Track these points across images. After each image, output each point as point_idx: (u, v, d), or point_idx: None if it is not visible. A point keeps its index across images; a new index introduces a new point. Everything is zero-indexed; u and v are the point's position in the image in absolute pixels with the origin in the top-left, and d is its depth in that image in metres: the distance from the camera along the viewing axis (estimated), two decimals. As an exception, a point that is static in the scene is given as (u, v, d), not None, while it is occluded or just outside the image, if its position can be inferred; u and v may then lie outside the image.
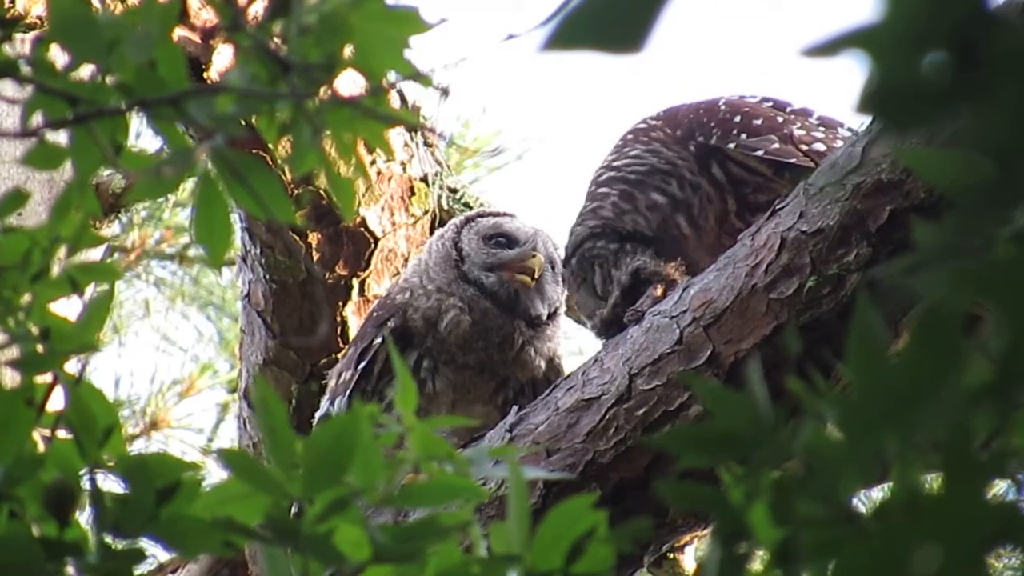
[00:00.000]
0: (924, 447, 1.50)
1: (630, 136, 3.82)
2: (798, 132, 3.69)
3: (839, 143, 3.65)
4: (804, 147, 3.66)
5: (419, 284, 3.78)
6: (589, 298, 3.74)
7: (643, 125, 3.83)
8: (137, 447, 6.91)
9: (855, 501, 1.60)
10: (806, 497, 1.56)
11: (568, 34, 1.40)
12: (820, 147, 3.66)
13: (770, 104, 3.76)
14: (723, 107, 3.75)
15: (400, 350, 3.69)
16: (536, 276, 3.76)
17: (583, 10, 1.39)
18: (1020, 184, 1.36)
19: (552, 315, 3.81)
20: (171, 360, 7.06)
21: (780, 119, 3.71)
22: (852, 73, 1.35)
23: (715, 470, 1.67)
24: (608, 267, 3.72)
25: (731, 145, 3.69)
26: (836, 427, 1.55)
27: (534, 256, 3.77)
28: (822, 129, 3.71)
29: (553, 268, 3.82)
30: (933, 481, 1.53)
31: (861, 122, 3.39)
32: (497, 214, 3.89)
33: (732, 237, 3.64)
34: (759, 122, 3.70)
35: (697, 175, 3.72)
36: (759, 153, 3.66)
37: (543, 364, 3.76)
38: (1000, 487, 4.40)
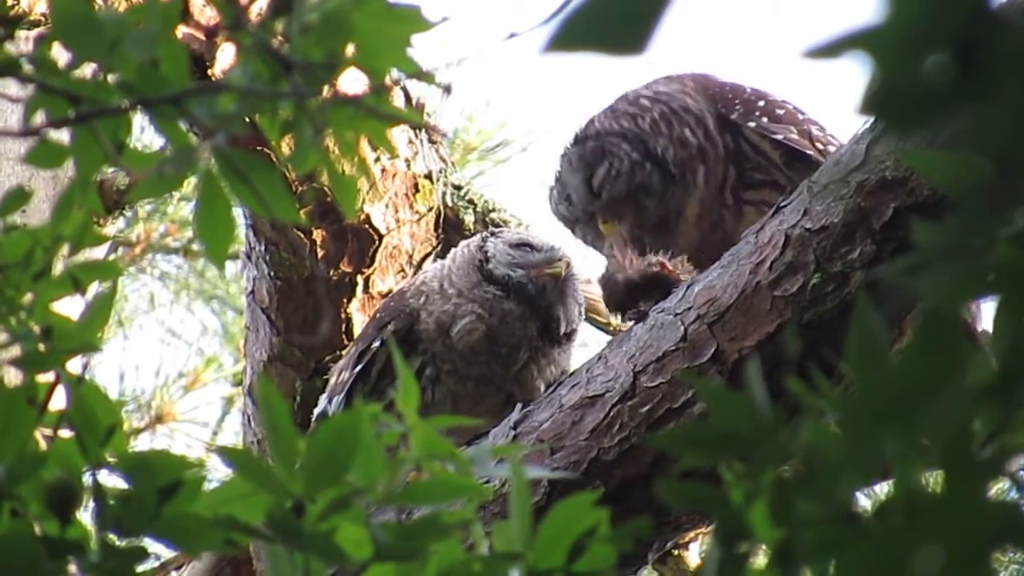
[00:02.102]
0: (925, 447, 1.50)
1: (663, 78, 3.80)
2: (816, 132, 3.68)
3: None
4: (820, 146, 3.66)
5: (438, 289, 3.75)
6: (581, 185, 3.72)
7: (675, 74, 3.81)
8: (142, 440, 6.92)
9: (856, 500, 1.59)
10: (806, 497, 1.56)
11: (569, 35, 1.40)
12: (833, 150, 3.65)
13: (791, 106, 3.75)
14: (748, 90, 3.74)
15: (403, 355, 3.67)
16: (565, 273, 3.72)
17: (584, 11, 1.39)
18: (1021, 186, 1.35)
19: (567, 336, 3.76)
20: (176, 353, 7.07)
21: (800, 116, 3.71)
22: (854, 74, 1.35)
23: (717, 469, 1.67)
24: (617, 169, 3.69)
25: (751, 124, 3.68)
26: (837, 427, 1.55)
27: (561, 259, 3.74)
28: (833, 141, 3.71)
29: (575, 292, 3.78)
30: (934, 481, 1.53)
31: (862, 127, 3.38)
32: (522, 231, 3.94)
33: (722, 210, 3.64)
34: (781, 112, 3.69)
35: (717, 133, 3.70)
36: (778, 137, 3.65)
37: (542, 387, 3.72)
38: (1002, 486, 4.39)
